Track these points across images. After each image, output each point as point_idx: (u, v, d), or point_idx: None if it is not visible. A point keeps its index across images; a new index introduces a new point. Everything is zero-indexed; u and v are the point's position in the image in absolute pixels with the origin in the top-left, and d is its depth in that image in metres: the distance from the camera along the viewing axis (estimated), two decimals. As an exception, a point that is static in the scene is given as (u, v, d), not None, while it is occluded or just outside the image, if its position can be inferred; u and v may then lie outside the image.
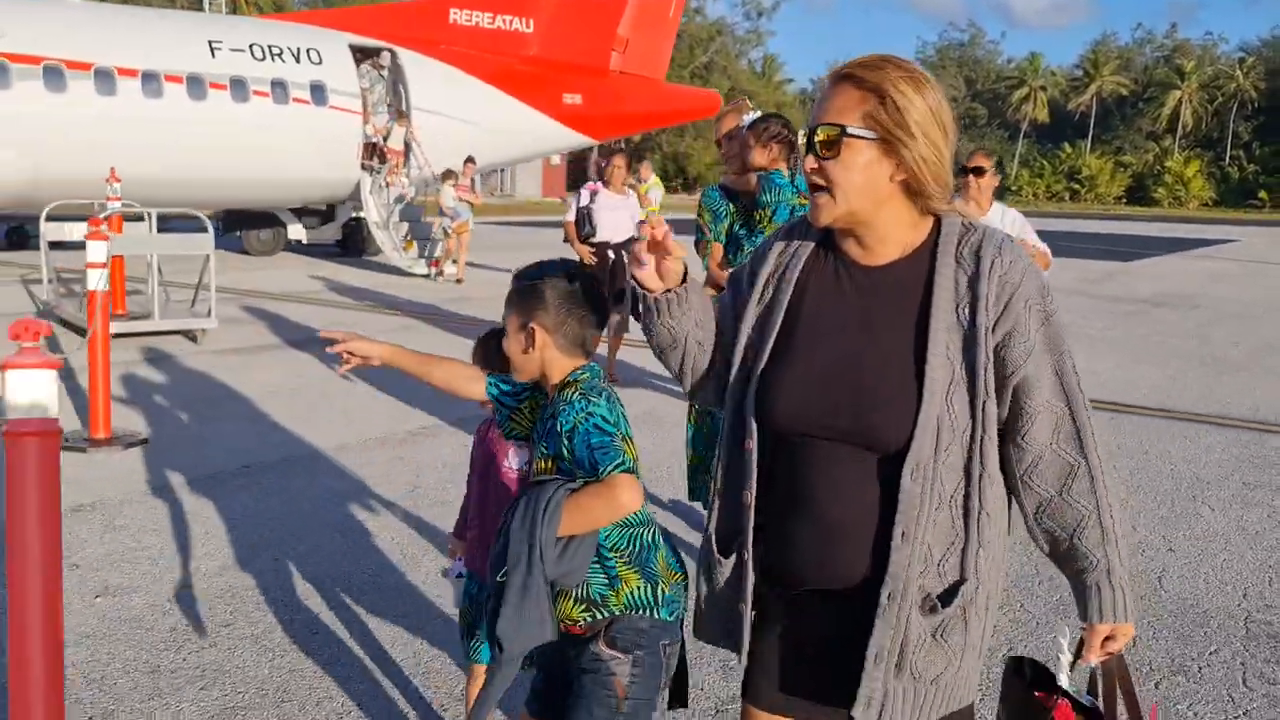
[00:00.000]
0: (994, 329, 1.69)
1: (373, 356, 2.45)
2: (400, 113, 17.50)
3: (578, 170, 60.03)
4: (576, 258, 7.45)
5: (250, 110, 15.88)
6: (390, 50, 17.52)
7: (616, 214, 8.59)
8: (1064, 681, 1.87)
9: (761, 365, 1.79)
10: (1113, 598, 1.75)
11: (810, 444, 1.74)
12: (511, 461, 2.82)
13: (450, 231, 15.98)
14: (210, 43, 15.63)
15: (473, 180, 16.59)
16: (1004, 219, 5.77)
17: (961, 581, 1.72)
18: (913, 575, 1.69)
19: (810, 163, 1.75)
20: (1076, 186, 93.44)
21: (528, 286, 2.23)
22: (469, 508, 3.00)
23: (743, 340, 1.85)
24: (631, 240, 8.21)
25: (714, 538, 1.92)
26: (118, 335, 8.55)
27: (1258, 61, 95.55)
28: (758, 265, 1.91)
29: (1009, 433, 1.74)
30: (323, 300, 13.59)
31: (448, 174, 16.13)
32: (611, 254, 8.50)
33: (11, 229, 19.72)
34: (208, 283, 10.06)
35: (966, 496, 1.70)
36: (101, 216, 8.60)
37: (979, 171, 5.71)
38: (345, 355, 2.41)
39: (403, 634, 3.94)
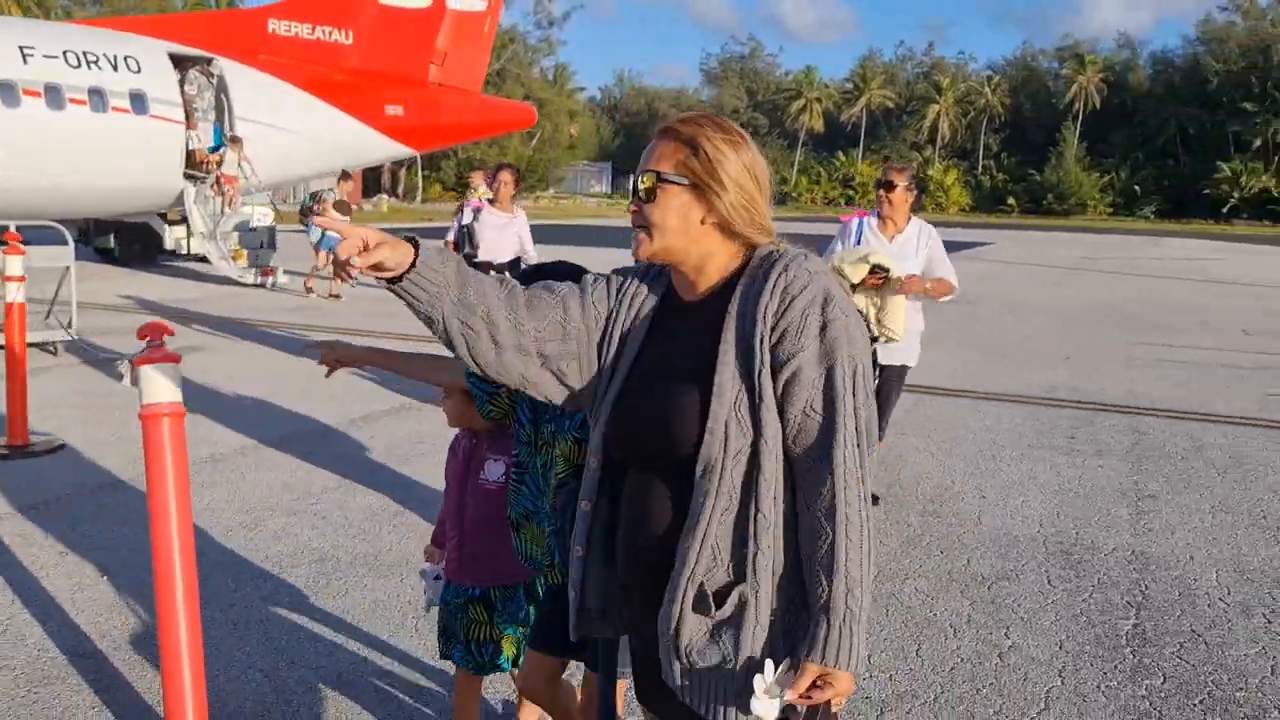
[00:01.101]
0: (771, 334, 1.75)
1: (358, 359, 3.00)
2: (234, 138, 17.39)
3: (370, 178, 59.30)
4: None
5: (67, 118, 15.46)
6: (211, 59, 17.40)
7: (501, 233, 8.18)
8: (755, 708, 1.70)
9: (608, 396, 1.90)
10: (825, 635, 1.67)
11: (640, 467, 1.87)
12: (488, 474, 2.96)
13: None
14: (21, 48, 15.10)
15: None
16: (919, 235, 5.67)
17: (739, 582, 1.75)
18: (698, 572, 1.74)
19: (633, 205, 1.90)
20: (851, 193, 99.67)
21: None
22: (447, 518, 3.10)
23: (590, 369, 1.95)
24: (515, 262, 8.13)
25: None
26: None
27: (1003, 80, 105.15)
28: (608, 297, 1.99)
29: (787, 440, 1.76)
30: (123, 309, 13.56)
31: (316, 196, 16.36)
32: (493, 273, 8.53)
33: None
34: (66, 297, 10.06)
35: (749, 502, 1.73)
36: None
37: (889, 186, 5.58)
38: (332, 362, 2.98)
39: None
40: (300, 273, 17.05)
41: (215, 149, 17.84)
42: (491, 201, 8.31)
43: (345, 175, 16.49)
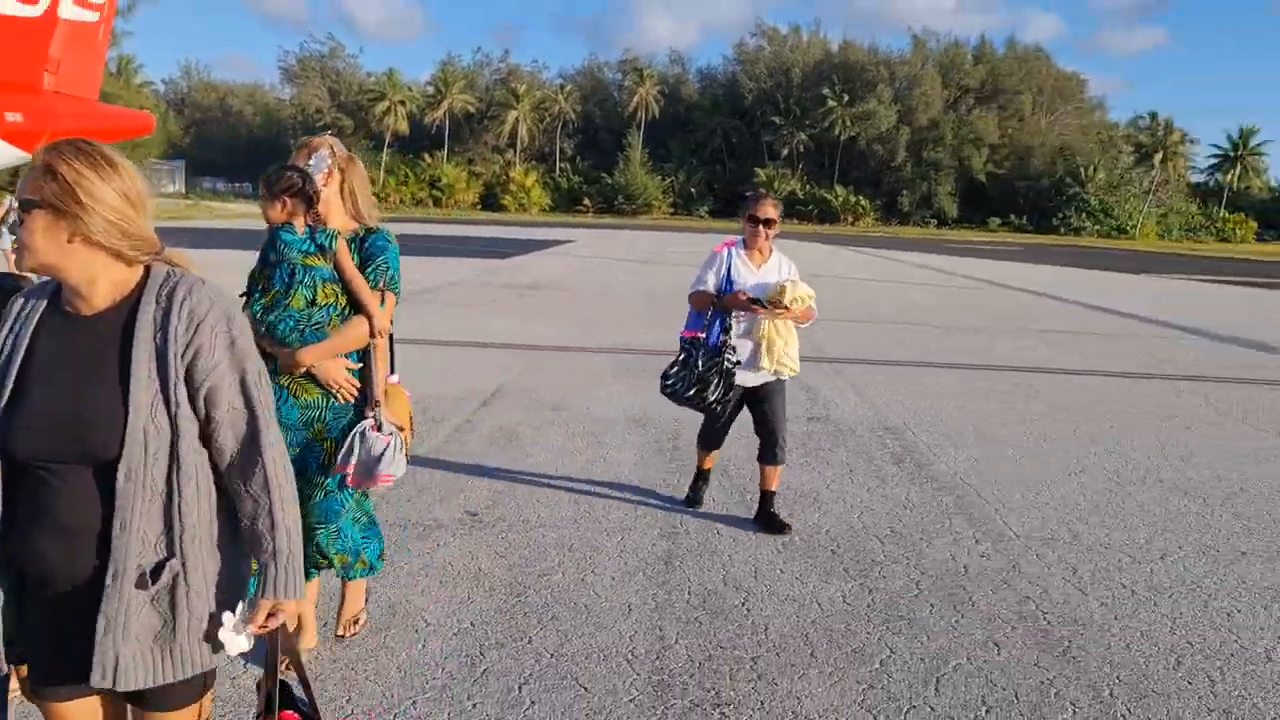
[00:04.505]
0: (184, 353, 1.93)
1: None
2: None
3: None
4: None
5: None
6: None
7: None
8: (226, 642, 2.00)
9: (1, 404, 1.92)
10: (276, 576, 2.00)
11: (47, 469, 1.90)
12: None
13: None
14: None
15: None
16: (781, 264, 5.52)
17: (170, 558, 1.94)
18: (132, 556, 1.90)
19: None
20: (438, 193, 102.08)
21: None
22: None
23: None
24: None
25: None
26: None
27: (575, 88, 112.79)
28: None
29: (209, 438, 1.99)
30: None
31: None
32: None
33: None
34: None
35: (172, 491, 1.93)
36: None
37: (769, 223, 5.42)
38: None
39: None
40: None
41: None
42: None
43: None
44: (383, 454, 3.48)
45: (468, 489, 6.00)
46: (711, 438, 5.77)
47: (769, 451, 5.49)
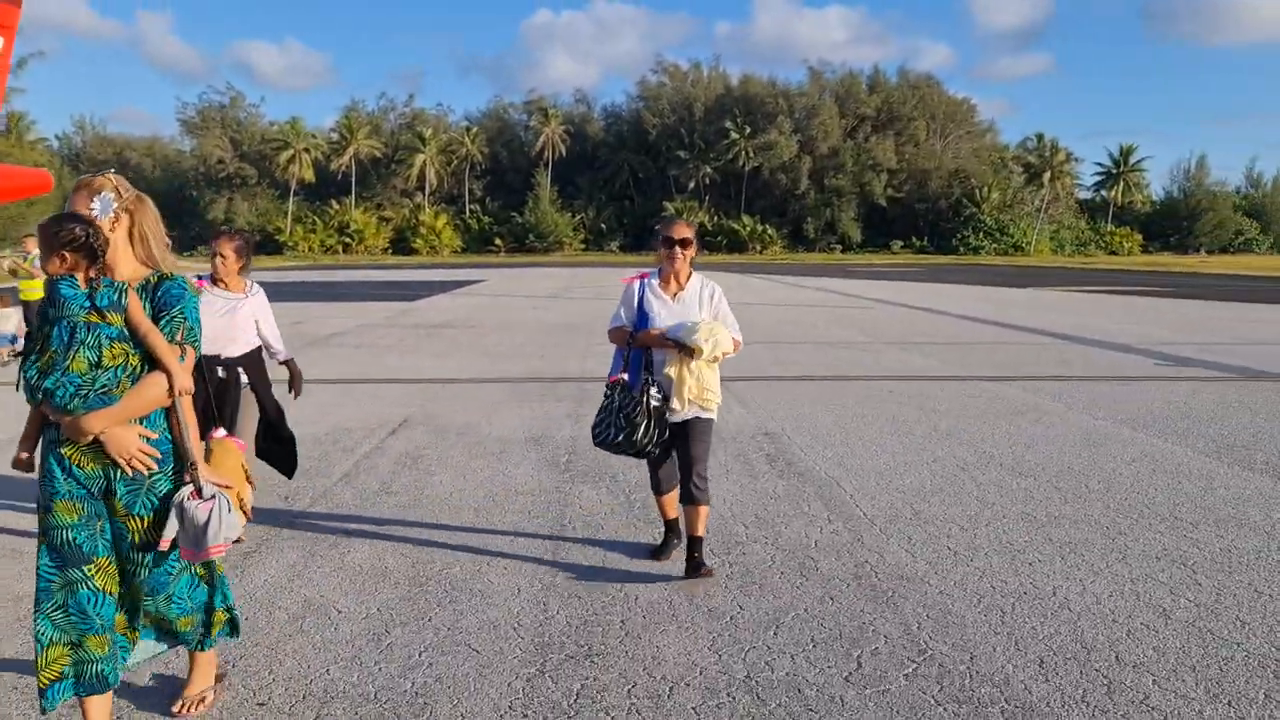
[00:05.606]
0: None
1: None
2: None
3: None
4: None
5: None
6: None
7: (231, 318, 5.77)
8: None
9: None
10: None
11: None
12: None
13: None
14: None
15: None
16: (702, 290, 5.22)
17: None
18: None
19: None
20: (348, 240, 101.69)
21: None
22: None
23: None
24: (255, 355, 5.90)
25: None
26: None
27: (481, 130, 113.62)
28: None
29: None
30: None
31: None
32: (223, 372, 5.72)
33: None
34: None
35: None
36: None
37: (684, 243, 5.10)
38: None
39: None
40: None
41: None
42: (215, 280, 5.85)
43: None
44: (207, 523, 3.19)
45: (377, 504, 6.57)
46: (657, 482, 5.39)
47: (684, 489, 5.14)
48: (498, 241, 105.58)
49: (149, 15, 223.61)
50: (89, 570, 3.22)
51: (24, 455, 3.31)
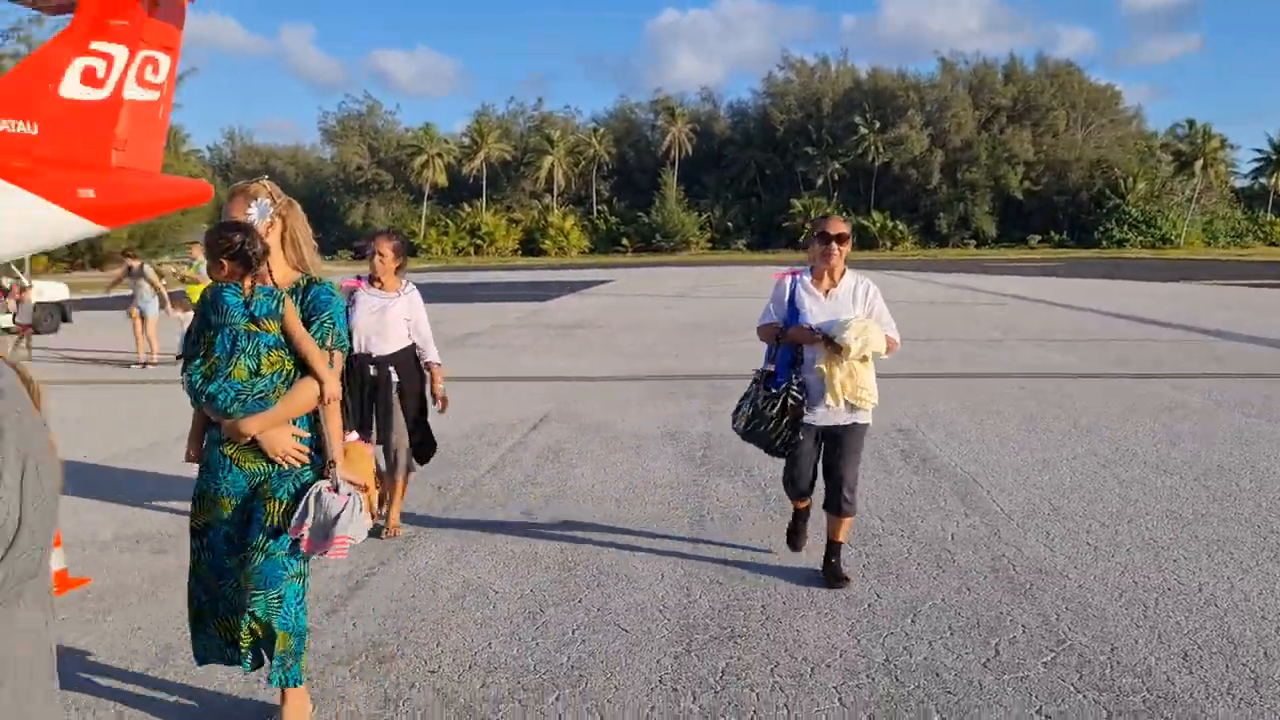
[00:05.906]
0: None
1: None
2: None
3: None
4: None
5: None
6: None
7: (382, 316, 5.92)
8: None
9: None
10: None
11: None
12: None
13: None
14: None
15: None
16: (857, 287, 5.04)
17: None
18: None
19: None
20: (479, 242, 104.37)
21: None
22: None
23: None
24: (405, 354, 6.03)
25: None
26: None
27: (608, 131, 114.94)
28: None
29: None
30: None
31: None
32: (374, 370, 5.88)
33: None
34: None
35: None
36: None
37: (841, 239, 4.97)
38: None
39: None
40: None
41: None
42: (372, 279, 6.04)
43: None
44: (339, 515, 3.30)
45: (522, 495, 6.92)
46: (791, 484, 5.24)
47: (830, 499, 5.05)
48: (625, 241, 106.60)
49: (291, 29, 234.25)
50: (232, 563, 3.41)
51: (194, 452, 3.56)
